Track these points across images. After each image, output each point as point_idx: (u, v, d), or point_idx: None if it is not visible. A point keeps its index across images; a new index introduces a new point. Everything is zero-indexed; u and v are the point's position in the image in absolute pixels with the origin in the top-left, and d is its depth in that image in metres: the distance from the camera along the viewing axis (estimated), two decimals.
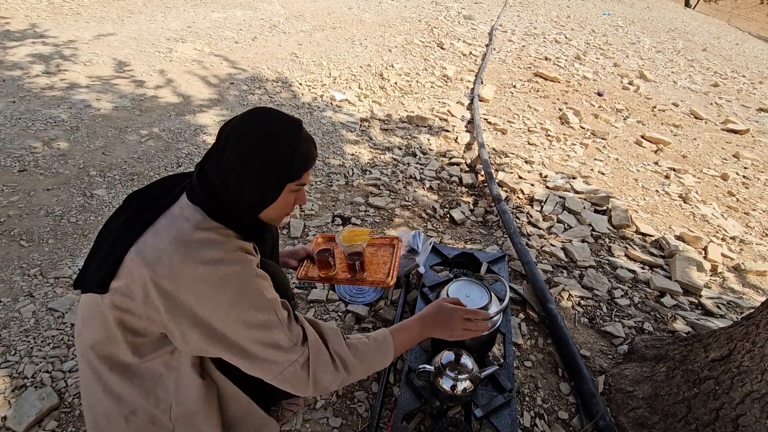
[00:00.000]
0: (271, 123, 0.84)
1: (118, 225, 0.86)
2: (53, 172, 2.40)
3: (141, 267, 0.77)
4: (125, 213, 0.88)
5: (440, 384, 1.21)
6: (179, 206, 0.85)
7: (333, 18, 6.39)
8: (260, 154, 0.82)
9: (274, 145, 0.83)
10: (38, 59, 3.68)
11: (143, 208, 0.86)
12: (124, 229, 0.83)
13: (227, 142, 0.82)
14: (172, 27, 5.04)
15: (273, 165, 0.83)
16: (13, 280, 1.76)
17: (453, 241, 2.28)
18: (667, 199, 3.02)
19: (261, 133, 0.83)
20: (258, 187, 0.84)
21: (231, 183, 0.83)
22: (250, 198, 0.85)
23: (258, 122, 0.84)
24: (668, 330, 1.75)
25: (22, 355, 1.48)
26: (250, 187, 0.83)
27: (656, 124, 4.67)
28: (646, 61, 7.22)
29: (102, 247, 0.86)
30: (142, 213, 0.85)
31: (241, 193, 0.84)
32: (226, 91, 3.71)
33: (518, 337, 1.66)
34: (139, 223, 0.83)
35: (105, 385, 0.85)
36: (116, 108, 3.14)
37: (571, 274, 2.06)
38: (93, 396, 0.88)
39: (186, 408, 0.86)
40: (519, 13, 9.17)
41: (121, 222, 0.86)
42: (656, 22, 10.98)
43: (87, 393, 0.90)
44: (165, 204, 0.86)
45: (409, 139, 3.42)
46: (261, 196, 0.85)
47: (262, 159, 0.82)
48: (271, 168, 0.83)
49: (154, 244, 0.78)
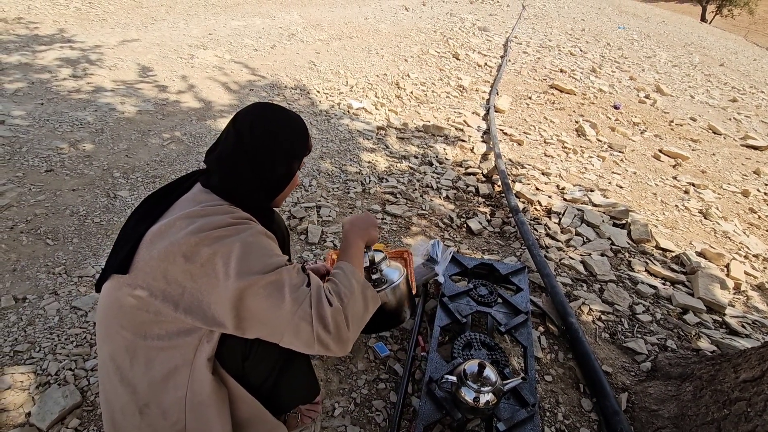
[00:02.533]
0: (277, 108, 0.98)
1: (135, 218, 0.92)
2: (78, 173, 2.45)
3: (159, 242, 0.82)
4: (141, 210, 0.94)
5: (462, 395, 1.20)
6: (192, 193, 0.93)
7: (350, 28, 6.48)
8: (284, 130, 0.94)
9: (292, 122, 0.96)
10: (66, 63, 3.79)
11: (159, 199, 0.94)
12: (141, 219, 0.89)
13: (252, 126, 0.92)
14: (193, 34, 5.16)
15: (295, 138, 0.96)
16: (38, 278, 1.79)
17: (470, 251, 2.27)
18: (687, 215, 2.98)
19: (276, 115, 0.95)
20: (286, 160, 0.95)
21: (260, 164, 0.91)
22: (279, 174, 0.95)
23: (268, 109, 0.96)
24: (692, 348, 1.71)
25: (46, 352, 1.50)
26: (280, 160, 0.94)
27: (674, 139, 4.63)
28: (662, 75, 7.18)
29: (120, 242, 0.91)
30: (157, 203, 0.92)
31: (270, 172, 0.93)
32: (246, 97, 3.77)
33: (538, 350, 1.64)
34: (155, 210, 0.89)
35: (122, 375, 0.86)
36: (140, 112, 3.21)
37: (591, 288, 2.03)
38: (110, 388, 0.89)
39: (200, 399, 0.87)
40: (534, 25, 9.20)
41: (137, 215, 0.92)
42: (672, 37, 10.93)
43: (105, 387, 0.92)
44: (179, 193, 0.94)
45: (426, 148, 3.44)
46: (287, 169, 0.96)
47: (287, 134, 0.94)
48: (294, 140, 0.96)
49: (168, 222, 0.84)
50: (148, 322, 0.83)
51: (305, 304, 0.83)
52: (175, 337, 0.83)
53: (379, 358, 1.57)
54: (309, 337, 0.83)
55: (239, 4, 7.37)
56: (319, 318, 0.83)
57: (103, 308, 0.89)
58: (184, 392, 0.86)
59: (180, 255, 0.79)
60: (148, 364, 0.85)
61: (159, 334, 0.83)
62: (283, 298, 0.82)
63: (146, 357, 0.85)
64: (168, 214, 0.88)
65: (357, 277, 0.97)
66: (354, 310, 0.91)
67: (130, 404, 0.87)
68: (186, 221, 0.83)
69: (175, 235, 0.81)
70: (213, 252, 0.80)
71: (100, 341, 0.91)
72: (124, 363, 0.86)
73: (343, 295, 0.91)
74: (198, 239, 0.80)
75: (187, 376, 0.86)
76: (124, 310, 0.83)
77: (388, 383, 1.49)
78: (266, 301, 0.81)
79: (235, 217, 0.86)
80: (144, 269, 0.81)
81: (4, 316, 1.60)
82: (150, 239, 0.83)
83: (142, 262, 0.82)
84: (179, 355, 0.85)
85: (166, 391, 0.86)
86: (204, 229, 0.81)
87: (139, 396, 0.86)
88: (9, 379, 1.39)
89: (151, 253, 0.81)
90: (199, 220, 0.83)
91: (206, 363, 0.86)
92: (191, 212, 0.85)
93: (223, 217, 0.85)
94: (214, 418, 0.90)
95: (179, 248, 0.80)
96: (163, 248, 0.80)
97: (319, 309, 0.84)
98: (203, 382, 0.86)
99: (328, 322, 0.84)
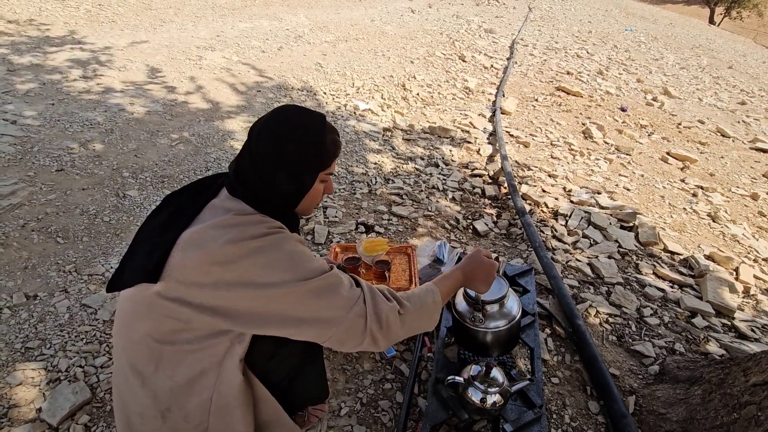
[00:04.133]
0: (298, 117, 0.91)
1: (159, 221, 0.89)
2: (88, 173, 2.48)
3: (192, 252, 0.80)
4: (165, 210, 0.92)
5: (469, 396, 1.20)
6: (220, 199, 0.90)
7: (356, 30, 6.50)
8: (292, 148, 0.87)
9: (304, 136, 0.89)
10: (76, 64, 3.84)
11: (185, 203, 0.91)
12: (168, 223, 0.87)
13: (259, 137, 0.88)
14: (201, 36, 5.20)
15: (305, 154, 0.89)
16: (49, 276, 1.81)
17: None
18: (695, 218, 2.96)
19: (290, 126, 0.89)
20: (293, 178, 0.89)
21: (267, 176, 0.87)
22: (288, 190, 0.90)
23: (285, 117, 0.90)
24: (701, 352, 1.70)
25: (56, 349, 1.52)
26: (286, 178, 0.88)
27: (682, 141, 4.59)
28: (670, 77, 7.14)
29: (142, 245, 0.88)
30: (184, 208, 0.89)
31: (278, 187, 0.89)
32: (253, 98, 3.80)
33: (545, 352, 1.63)
34: (183, 216, 0.87)
35: (144, 380, 0.85)
36: (149, 112, 3.24)
37: (598, 290, 2.02)
38: (129, 393, 0.88)
39: (226, 402, 0.87)
40: (540, 27, 9.18)
41: (162, 218, 0.89)
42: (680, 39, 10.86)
43: (121, 390, 0.91)
44: (206, 198, 0.91)
45: (432, 149, 3.44)
46: (297, 186, 0.91)
47: (294, 149, 0.87)
48: (303, 157, 0.89)
49: (201, 230, 0.82)
50: (178, 330, 0.82)
51: (360, 300, 0.87)
52: (205, 339, 0.83)
53: (385, 359, 1.58)
54: (362, 332, 0.86)
55: (247, 6, 7.43)
56: (374, 313, 0.87)
57: (127, 314, 0.87)
58: (209, 395, 0.86)
59: (216, 265, 0.78)
60: (174, 368, 0.84)
61: (188, 338, 0.82)
62: (338, 298, 0.84)
63: (172, 362, 0.84)
64: (198, 220, 0.86)
65: (434, 296, 1.00)
66: (412, 317, 0.94)
67: (150, 409, 0.86)
68: (220, 231, 0.81)
69: (210, 245, 0.79)
70: (253, 262, 0.80)
71: (119, 346, 0.90)
72: (146, 369, 0.85)
73: (409, 301, 0.95)
74: (236, 249, 0.79)
75: (215, 378, 0.86)
76: (152, 318, 0.82)
77: (394, 383, 1.49)
78: (319, 303, 0.82)
79: (269, 227, 0.85)
80: (177, 278, 0.80)
81: (16, 313, 1.63)
82: (182, 247, 0.81)
83: (176, 270, 0.80)
84: (208, 357, 0.85)
85: (190, 395, 0.86)
86: (241, 239, 0.80)
87: (161, 401, 0.86)
88: (20, 375, 1.41)
89: (185, 262, 0.80)
90: (233, 230, 0.81)
91: (237, 364, 0.86)
92: (223, 221, 0.83)
93: (258, 227, 0.84)
94: (239, 420, 0.90)
95: (215, 258, 0.79)
96: (197, 258, 0.79)
97: (375, 306, 0.88)
98: (232, 383, 0.86)
99: (383, 318, 0.88)
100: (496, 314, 1.27)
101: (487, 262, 1.11)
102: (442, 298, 1.02)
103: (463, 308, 1.33)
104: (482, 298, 1.25)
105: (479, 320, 1.24)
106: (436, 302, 0.99)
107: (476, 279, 1.10)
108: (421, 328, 0.99)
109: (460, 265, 1.10)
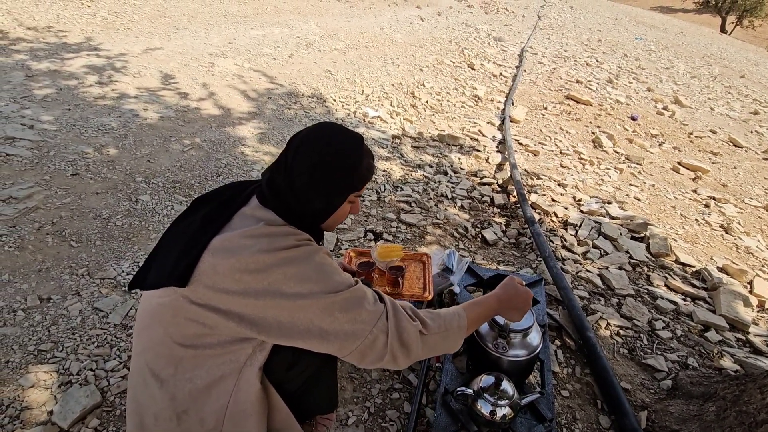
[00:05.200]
0: (337, 137, 0.91)
1: (190, 225, 0.90)
2: (102, 177, 2.52)
3: (223, 258, 0.81)
4: (195, 214, 0.93)
5: (479, 408, 1.19)
6: (250, 208, 0.92)
7: (366, 37, 6.56)
8: (327, 166, 0.89)
9: (340, 157, 0.90)
10: (92, 70, 3.91)
11: (216, 209, 0.92)
12: (199, 228, 0.88)
13: (296, 153, 0.89)
14: (214, 43, 5.28)
15: (339, 176, 0.90)
16: (62, 279, 1.84)
17: (485, 261, 2.26)
18: (707, 229, 2.92)
19: (328, 146, 0.90)
20: (324, 197, 0.91)
21: (299, 191, 0.88)
22: (316, 207, 0.91)
23: (325, 136, 0.91)
24: (715, 367, 1.67)
25: (68, 351, 1.53)
26: (317, 196, 0.90)
27: (693, 151, 4.55)
28: (681, 86, 7.09)
29: (171, 247, 0.89)
30: (215, 213, 0.91)
31: (308, 202, 0.89)
32: (264, 105, 3.84)
33: (554, 364, 1.62)
34: (213, 222, 0.88)
35: (162, 382, 0.86)
36: (162, 118, 3.29)
37: (609, 302, 2.00)
38: (146, 393, 0.89)
39: (243, 408, 0.87)
40: (549, 36, 9.19)
41: (194, 222, 0.90)
42: (691, 48, 10.80)
43: (137, 391, 0.91)
44: (236, 206, 0.92)
45: (440, 157, 3.44)
46: (326, 205, 0.92)
47: (329, 170, 0.89)
48: (336, 179, 0.90)
49: (232, 238, 0.84)
50: (202, 334, 0.83)
51: (383, 316, 0.87)
52: (228, 345, 0.84)
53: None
54: (382, 349, 0.86)
55: (258, 13, 7.53)
56: (396, 331, 0.87)
57: (150, 316, 0.88)
58: (226, 401, 0.87)
59: (247, 273, 0.80)
60: (193, 371, 0.85)
61: (211, 343, 0.83)
62: (363, 312, 0.85)
63: (192, 365, 0.85)
64: (228, 227, 0.87)
65: (460, 321, 0.99)
66: (434, 339, 0.94)
67: (166, 410, 0.87)
68: (251, 240, 0.83)
69: (242, 253, 0.81)
70: (283, 272, 0.81)
71: (139, 347, 0.91)
72: (165, 371, 0.86)
73: (433, 322, 0.94)
74: (267, 258, 0.80)
75: (233, 384, 0.86)
76: (176, 321, 0.83)
77: (402, 393, 1.49)
78: (344, 316, 0.83)
79: (299, 239, 0.87)
80: (206, 283, 0.81)
81: (30, 315, 1.65)
82: (212, 253, 0.82)
83: (205, 276, 0.81)
84: (228, 363, 0.85)
85: (208, 399, 0.86)
86: (272, 249, 0.82)
87: (178, 403, 0.86)
88: (33, 378, 1.42)
89: (215, 268, 0.81)
90: (264, 240, 0.83)
91: (256, 372, 0.87)
92: (255, 231, 0.84)
93: (288, 239, 0.85)
94: (253, 426, 0.90)
95: (247, 266, 0.80)
96: (228, 264, 0.80)
97: (397, 323, 0.88)
98: (249, 391, 0.87)
99: (405, 336, 0.88)
100: (518, 344, 1.25)
101: (523, 290, 1.09)
102: (469, 324, 1.00)
103: (485, 331, 1.31)
104: (511, 326, 1.23)
105: (502, 347, 1.22)
106: (461, 327, 0.98)
107: (512, 307, 1.09)
108: (443, 351, 0.99)
109: (495, 293, 1.08)
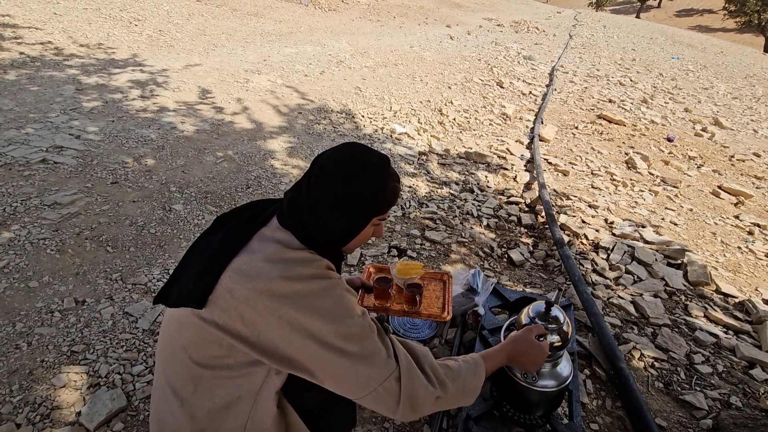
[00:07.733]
0: (362, 158, 0.89)
1: (211, 245, 0.90)
2: (139, 186, 2.63)
3: (240, 283, 0.80)
4: (217, 233, 0.93)
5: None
6: (270, 229, 0.90)
7: (395, 55, 6.67)
8: (351, 189, 0.86)
9: (364, 180, 0.87)
10: (136, 85, 4.14)
11: (236, 229, 0.91)
12: (219, 248, 0.87)
13: (320, 174, 0.87)
14: (249, 60, 5.50)
15: (362, 200, 0.87)
16: (97, 283, 1.91)
17: (511, 283, 2.20)
18: (751, 258, 2.75)
19: (352, 168, 0.87)
20: (346, 219, 0.88)
21: (321, 213, 0.86)
22: (337, 229, 0.88)
23: (349, 158, 0.89)
24: (761, 408, 1.55)
25: (99, 354, 1.58)
26: (339, 219, 0.87)
27: (735, 175, 4.33)
28: (721, 107, 6.82)
29: (192, 266, 0.90)
30: (235, 235, 0.90)
31: (330, 224, 0.87)
32: (295, 120, 3.94)
33: (583, 395, 1.54)
34: (233, 243, 0.87)
35: (183, 400, 0.86)
36: (197, 131, 3.43)
37: (643, 331, 1.90)
38: (167, 411, 0.89)
39: (260, 429, 0.87)
40: (581, 54, 9.08)
41: (214, 241, 0.90)
42: (731, 68, 10.41)
43: (159, 407, 0.92)
44: (256, 226, 0.91)
45: (467, 175, 3.42)
46: (348, 228, 0.90)
47: (353, 194, 0.86)
48: (359, 203, 0.87)
49: (250, 261, 0.83)
50: (220, 356, 0.83)
51: (392, 377, 0.84)
52: (245, 367, 0.84)
53: None
54: (392, 407, 0.85)
55: (293, 32, 7.82)
56: (408, 396, 0.85)
57: (171, 334, 0.90)
58: (244, 421, 0.87)
59: (260, 301, 0.79)
60: (212, 391, 0.85)
61: (228, 364, 0.83)
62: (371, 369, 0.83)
63: (211, 384, 0.85)
64: (247, 248, 0.86)
65: (478, 380, 0.97)
66: (451, 399, 0.92)
67: (185, 428, 0.87)
68: (269, 265, 0.81)
69: (256, 280, 0.80)
70: (296, 307, 0.80)
71: (161, 364, 0.92)
72: (185, 389, 0.86)
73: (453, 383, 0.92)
74: (284, 287, 0.80)
75: (251, 406, 0.86)
76: (194, 341, 0.84)
77: (422, 417, 1.45)
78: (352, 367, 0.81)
79: (318, 267, 0.85)
80: (222, 306, 0.81)
81: (65, 317, 1.72)
82: (229, 276, 0.81)
83: (221, 300, 0.81)
84: (246, 385, 0.85)
85: (226, 419, 0.86)
86: (287, 277, 0.80)
87: (198, 421, 0.87)
88: (65, 378, 1.47)
89: (232, 293, 0.80)
90: (280, 266, 0.81)
91: (273, 395, 0.86)
92: (272, 255, 0.83)
93: (307, 267, 0.83)
94: None
95: (260, 293, 0.79)
96: (245, 291, 0.79)
97: (409, 387, 0.85)
98: (267, 413, 0.87)
99: (419, 402, 0.86)
100: (548, 374, 1.21)
101: (536, 345, 1.06)
102: (486, 369, 1.00)
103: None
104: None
105: (532, 377, 1.18)
106: (477, 387, 0.97)
107: (524, 363, 1.07)
108: (453, 407, 0.98)
109: (506, 348, 1.06)
